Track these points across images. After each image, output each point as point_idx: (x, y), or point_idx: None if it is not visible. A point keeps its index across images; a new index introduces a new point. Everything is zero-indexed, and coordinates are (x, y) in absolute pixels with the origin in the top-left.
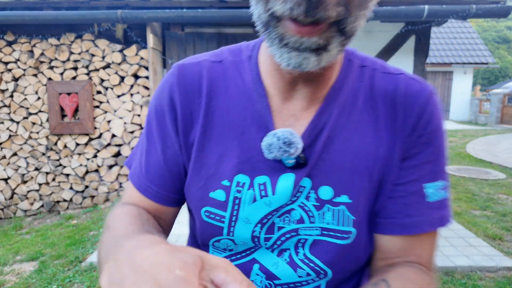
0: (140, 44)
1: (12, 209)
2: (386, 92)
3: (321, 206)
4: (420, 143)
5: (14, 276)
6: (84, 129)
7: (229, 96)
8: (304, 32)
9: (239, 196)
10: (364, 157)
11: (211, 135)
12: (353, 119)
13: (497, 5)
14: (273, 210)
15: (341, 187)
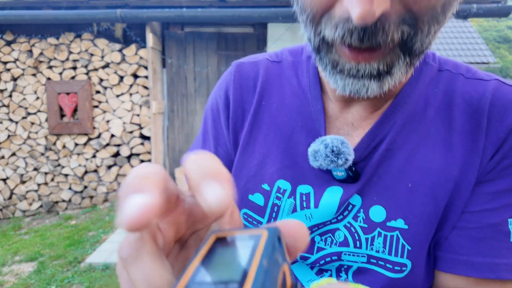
0: (139, 43)
1: (11, 210)
2: (468, 100)
3: (371, 230)
4: (508, 165)
5: (13, 277)
6: (83, 129)
7: (282, 96)
8: (360, 59)
9: (278, 204)
10: (429, 176)
11: (258, 134)
12: (420, 131)
13: (498, 5)
14: (314, 226)
15: (398, 209)
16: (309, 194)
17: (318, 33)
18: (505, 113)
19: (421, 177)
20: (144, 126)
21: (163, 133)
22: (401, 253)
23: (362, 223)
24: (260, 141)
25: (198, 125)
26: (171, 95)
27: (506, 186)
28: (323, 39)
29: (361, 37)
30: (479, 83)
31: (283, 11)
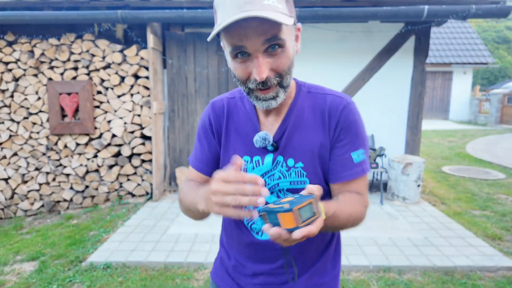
0: (140, 44)
1: (13, 209)
2: (320, 107)
3: (289, 169)
4: (342, 132)
5: (15, 276)
6: (85, 129)
7: (238, 116)
8: (265, 92)
9: (245, 167)
10: (309, 143)
11: (229, 137)
12: (302, 123)
13: (496, 5)
14: (263, 174)
15: (298, 158)
16: (258, 160)
17: (246, 86)
18: (335, 113)
19: (305, 144)
20: (145, 126)
21: (163, 133)
22: (302, 176)
23: (284, 167)
24: (232, 141)
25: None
26: (172, 95)
27: (346, 140)
28: (250, 88)
29: (262, 85)
30: (324, 97)
31: None
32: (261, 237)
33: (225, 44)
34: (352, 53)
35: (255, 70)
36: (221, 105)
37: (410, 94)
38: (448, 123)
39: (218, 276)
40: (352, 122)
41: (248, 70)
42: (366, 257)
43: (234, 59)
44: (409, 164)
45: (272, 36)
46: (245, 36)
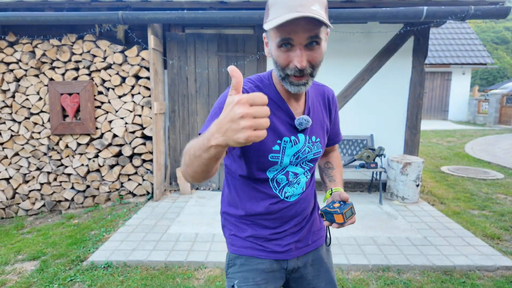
0: (141, 45)
1: (14, 209)
2: (321, 95)
3: (313, 144)
4: (335, 112)
5: (16, 275)
6: (86, 129)
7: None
8: (299, 79)
9: (284, 146)
10: (321, 122)
11: None
12: (315, 108)
13: (495, 6)
14: (298, 150)
15: (317, 135)
16: (295, 139)
17: (284, 72)
18: (332, 100)
19: (319, 123)
20: (146, 126)
21: (164, 133)
22: (320, 148)
23: (310, 143)
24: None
25: (198, 125)
26: (172, 95)
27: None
28: (287, 74)
29: (299, 72)
30: (321, 88)
31: None
32: (290, 200)
33: (272, 35)
34: (351, 53)
35: (297, 59)
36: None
37: (409, 95)
38: (447, 123)
39: (254, 249)
40: (336, 105)
41: (289, 58)
42: (365, 256)
43: (279, 48)
44: (408, 164)
45: (315, 34)
46: (294, 31)
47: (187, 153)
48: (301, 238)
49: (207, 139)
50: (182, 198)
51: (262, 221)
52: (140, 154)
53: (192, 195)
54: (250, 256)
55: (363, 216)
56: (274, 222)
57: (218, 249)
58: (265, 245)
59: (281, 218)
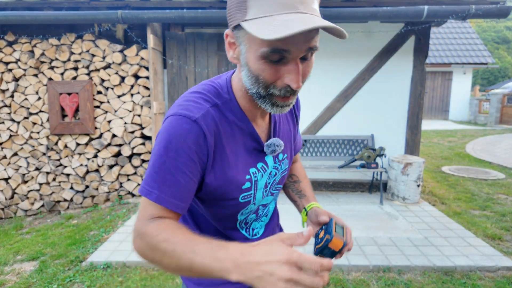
0: (140, 44)
1: (13, 209)
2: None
3: (280, 163)
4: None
5: (15, 276)
6: (85, 129)
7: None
8: (285, 100)
9: (255, 179)
10: (288, 135)
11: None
12: (281, 120)
13: (496, 6)
14: (268, 176)
15: (284, 151)
16: (263, 166)
17: (267, 90)
18: (297, 103)
19: (286, 137)
20: (145, 126)
21: None
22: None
23: (277, 163)
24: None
25: None
26: (172, 95)
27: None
28: (270, 93)
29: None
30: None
31: None
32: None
33: (255, 40)
34: (352, 53)
35: (293, 77)
36: (211, 120)
37: (410, 94)
38: (448, 123)
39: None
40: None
41: (279, 74)
42: (366, 257)
43: (263, 59)
44: (409, 164)
45: (314, 45)
46: (293, 42)
47: (167, 253)
48: None
49: (224, 270)
50: None
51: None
52: (139, 154)
53: None
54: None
55: (364, 216)
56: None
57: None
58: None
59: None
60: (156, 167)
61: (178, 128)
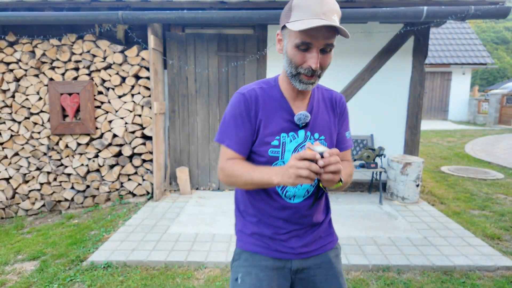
0: (141, 45)
1: (14, 209)
2: (328, 98)
3: (316, 140)
4: (342, 117)
5: (15, 275)
6: (85, 129)
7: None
8: (309, 78)
9: (283, 141)
10: (327, 122)
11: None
12: (320, 108)
13: (495, 6)
14: (298, 144)
15: (321, 132)
16: (293, 135)
17: (297, 70)
18: (339, 103)
19: (325, 122)
20: (146, 126)
21: (164, 133)
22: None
23: (312, 140)
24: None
25: (198, 125)
26: (172, 95)
27: (342, 123)
28: (298, 72)
29: (311, 72)
30: (329, 92)
31: None
32: (293, 201)
33: (292, 35)
34: (351, 53)
35: (313, 60)
36: (254, 94)
37: (409, 95)
38: (447, 123)
39: (258, 246)
40: (346, 111)
41: (305, 59)
42: (365, 256)
43: (296, 48)
44: (408, 164)
45: (331, 42)
46: (315, 36)
47: (237, 176)
48: (308, 242)
49: (269, 177)
50: (182, 198)
51: (266, 219)
52: (140, 154)
53: (192, 195)
54: (254, 252)
55: (363, 216)
56: (277, 222)
57: (218, 249)
58: (269, 244)
59: (285, 220)
60: (225, 124)
61: (235, 100)
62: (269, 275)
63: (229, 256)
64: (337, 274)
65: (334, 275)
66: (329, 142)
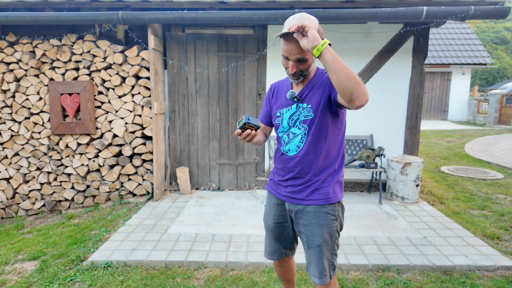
0: (141, 45)
1: (14, 209)
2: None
3: (303, 109)
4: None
5: (16, 275)
6: (86, 129)
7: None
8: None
9: (283, 113)
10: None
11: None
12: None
13: (495, 6)
14: (292, 113)
15: (308, 102)
16: (289, 108)
17: (287, 71)
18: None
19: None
20: (146, 126)
21: (164, 133)
22: (310, 112)
23: (301, 109)
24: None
25: (199, 125)
26: (173, 95)
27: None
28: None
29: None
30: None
31: (283, 13)
32: (289, 154)
33: (281, 47)
34: (351, 53)
35: (290, 68)
36: (275, 85)
37: (409, 95)
38: (447, 123)
39: (270, 186)
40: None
41: (287, 64)
42: (365, 256)
43: (283, 57)
44: (408, 164)
45: (301, 57)
46: (288, 52)
47: None
48: (297, 191)
49: None
50: (182, 198)
51: (276, 170)
52: (140, 154)
53: (192, 195)
54: (269, 191)
55: (363, 216)
56: (281, 171)
57: (218, 249)
58: (274, 187)
59: (284, 169)
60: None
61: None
62: (274, 207)
63: (229, 256)
64: (316, 224)
65: (313, 224)
66: (314, 109)
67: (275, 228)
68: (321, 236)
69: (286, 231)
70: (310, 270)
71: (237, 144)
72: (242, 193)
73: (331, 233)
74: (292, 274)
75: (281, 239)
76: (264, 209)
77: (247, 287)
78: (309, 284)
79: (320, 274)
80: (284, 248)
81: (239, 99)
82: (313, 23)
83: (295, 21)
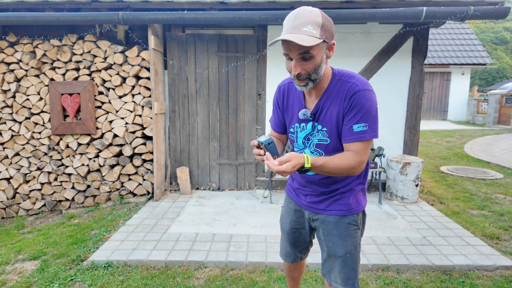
0: (141, 45)
1: (14, 209)
2: (342, 91)
3: (318, 132)
4: (350, 110)
5: (16, 275)
6: (86, 129)
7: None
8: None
9: (297, 130)
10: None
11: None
12: (330, 102)
13: (495, 7)
14: (307, 134)
15: (324, 125)
16: (303, 126)
17: (292, 76)
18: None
19: (330, 115)
20: (146, 127)
21: (164, 133)
22: (325, 136)
23: (316, 130)
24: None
25: (199, 125)
26: (173, 96)
27: (350, 115)
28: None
29: (296, 77)
30: (347, 84)
31: (283, 13)
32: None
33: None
34: (350, 54)
35: (293, 68)
36: (284, 88)
37: (409, 95)
38: (446, 123)
39: (289, 191)
40: (357, 104)
41: (291, 66)
42: (365, 256)
43: (285, 58)
44: (408, 164)
45: (304, 51)
46: (288, 48)
47: None
48: (316, 201)
49: None
50: (182, 198)
51: (295, 177)
52: (140, 154)
53: (192, 195)
54: (288, 195)
55: None
56: (299, 178)
57: (218, 249)
58: (294, 193)
59: (302, 177)
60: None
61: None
62: (292, 212)
63: (229, 255)
64: (338, 235)
65: (334, 235)
66: (330, 133)
67: (291, 232)
68: (344, 248)
69: (302, 237)
70: (331, 277)
71: (237, 144)
72: (242, 193)
73: (355, 244)
74: (299, 273)
75: (296, 244)
76: (281, 210)
77: (247, 286)
78: (309, 284)
79: (343, 282)
80: (299, 252)
81: (239, 99)
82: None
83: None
